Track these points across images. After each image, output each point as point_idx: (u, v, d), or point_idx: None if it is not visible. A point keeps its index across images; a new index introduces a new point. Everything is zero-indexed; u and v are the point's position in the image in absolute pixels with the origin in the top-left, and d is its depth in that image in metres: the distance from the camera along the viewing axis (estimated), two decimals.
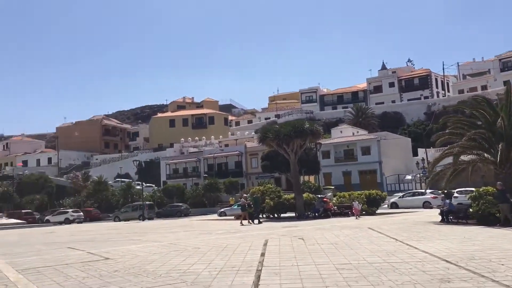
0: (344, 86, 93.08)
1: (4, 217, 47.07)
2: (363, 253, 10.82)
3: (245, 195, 27.40)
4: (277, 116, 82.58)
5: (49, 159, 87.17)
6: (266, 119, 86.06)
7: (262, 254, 11.28)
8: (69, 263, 11.63)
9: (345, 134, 57.14)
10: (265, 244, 13.43)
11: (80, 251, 14.58)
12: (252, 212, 25.40)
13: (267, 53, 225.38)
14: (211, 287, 7.65)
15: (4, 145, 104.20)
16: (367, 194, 27.86)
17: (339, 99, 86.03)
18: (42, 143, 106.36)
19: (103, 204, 54.96)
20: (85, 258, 12.62)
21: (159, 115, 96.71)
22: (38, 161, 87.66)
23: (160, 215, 45.43)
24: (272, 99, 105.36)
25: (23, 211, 50.41)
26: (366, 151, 51.18)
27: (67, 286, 8.26)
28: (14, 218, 46.55)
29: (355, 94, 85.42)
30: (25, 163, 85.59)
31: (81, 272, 9.83)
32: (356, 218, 23.78)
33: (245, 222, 24.49)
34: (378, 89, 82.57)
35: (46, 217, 48.17)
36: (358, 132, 58.32)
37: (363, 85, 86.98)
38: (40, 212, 53.29)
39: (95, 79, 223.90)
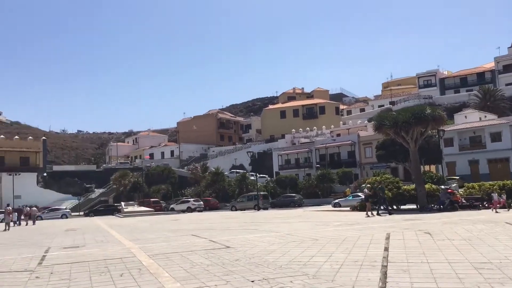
0: (468, 67, 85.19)
1: (136, 205, 51.89)
2: (504, 251, 9.53)
3: (368, 185, 26.34)
4: (392, 103, 78.64)
5: (172, 152, 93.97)
6: (379, 106, 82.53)
7: (386, 249, 10.58)
8: (194, 250, 12.15)
9: (470, 119, 52.21)
10: (387, 238, 12.63)
11: (203, 239, 15.23)
12: (374, 202, 24.45)
13: (378, 38, 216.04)
14: (334, 281, 7.28)
15: (133, 140, 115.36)
16: (501, 185, 24.97)
17: (462, 81, 78.88)
18: (165, 137, 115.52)
19: (220, 194, 57.55)
20: (207, 246, 13.10)
21: (270, 107, 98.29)
22: (162, 153, 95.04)
23: (274, 205, 46.14)
24: (385, 85, 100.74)
25: (151, 199, 54.91)
26: (496, 137, 46.19)
27: (193, 273, 8.51)
28: (144, 206, 51.05)
29: (480, 75, 77.55)
30: (151, 155, 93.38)
31: (205, 260, 10.15)
32: (493, 211, 21.45)
33: (369, 213, 23.58)
34: (508, 68, 73.88)
35: (171, 206, 51.98)
36: (485, 116, 52.92)
37: (490, 64, 78.59)
38: (165, 201, 57.65)
39: (209, 76, 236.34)
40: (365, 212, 23.87)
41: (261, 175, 56.53)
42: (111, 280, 8.17)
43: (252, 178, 56.23)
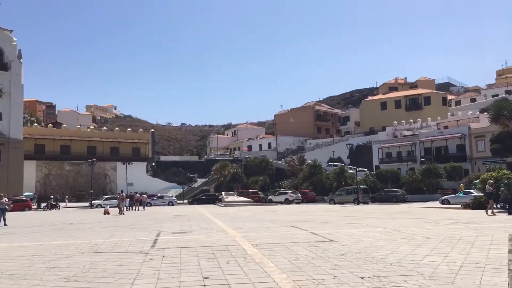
0: None
1: (235, 195, 53.45)
2: None
3: (490, 181, 24.10)
4: (508, 92, 71.40)
5: (269, 144, 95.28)
6: (493, 96, 75.31)
7: (510, 251, 9.47)
8: (296, 241, 12.02)
9: None
10: (511, 240, 11.34)
11: (304, 231, 15.04)
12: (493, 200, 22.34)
13: (489, 22, 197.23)
14: (454, 284, 6.63)
15: (232, 132, 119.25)
16: None
17: None
18: (263, 130, 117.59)
19: (318, 187, 56.93)
20: (310, 238, 12.89)
21: (370, 98, 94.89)
22: (260, 146, 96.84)
23: (375, 200, 44.51)
24: (500, 73, 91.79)
25: (250, 190, 56.13)
26: None
27: (298, 265, 8.35)
28: (243, 196, 52.38)
29: None
30: (249, 147, 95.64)
31: (308, 252, 9.95)
32: None
33: (489, 211, 21.55)
34: None
35: (269, 197, 52.62)
36: None
37: None
38: (263, 192, 58.57)
39: (306, 68, 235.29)
40: (484, 210, 21.83)
41: (360, 169, 54.80)
42: (218, 267, 8.32)
43: (351, 171, 54.82)
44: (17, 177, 55.84)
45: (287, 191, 52.30)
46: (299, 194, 49.96)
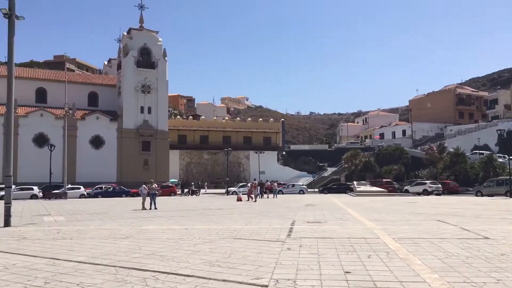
0: None
1: (368, 185, 51.66)
2: None
3: None
4: None
5: (403, 131, 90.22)
6: None
7: None
8: (444, 237, 10.90)
9: None
10: None
11: (452, 226, 13.63)
12: None
13: None
14: None
15: (363, 120, 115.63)
16: None
17: None
18: (396, 116, 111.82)
19: (460, 177, 52.19)
20: (459, 234, 11.60)
21: None
22: (393, 133, 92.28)
23: None
24: None
25: (383, 180, 53.68)
26: None
27: (451, 264, 7.45)
28: (376, 186, 50.32)
29: None
30: (381, 135, 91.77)
31: (461, 250, 8.88)
32: None
33: None
34: None
35: (405, 187, 49.69)
36: None
37: None
38: (397, 182, 55.60)
39: (445, 48, 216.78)
40: None
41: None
42: (359, 261, 7.84)
43: (501, 160, 48.96)
44: (164, 165, 61.77)
45: (425, 181, 48.83)
46: (439, 185, 46.23)
